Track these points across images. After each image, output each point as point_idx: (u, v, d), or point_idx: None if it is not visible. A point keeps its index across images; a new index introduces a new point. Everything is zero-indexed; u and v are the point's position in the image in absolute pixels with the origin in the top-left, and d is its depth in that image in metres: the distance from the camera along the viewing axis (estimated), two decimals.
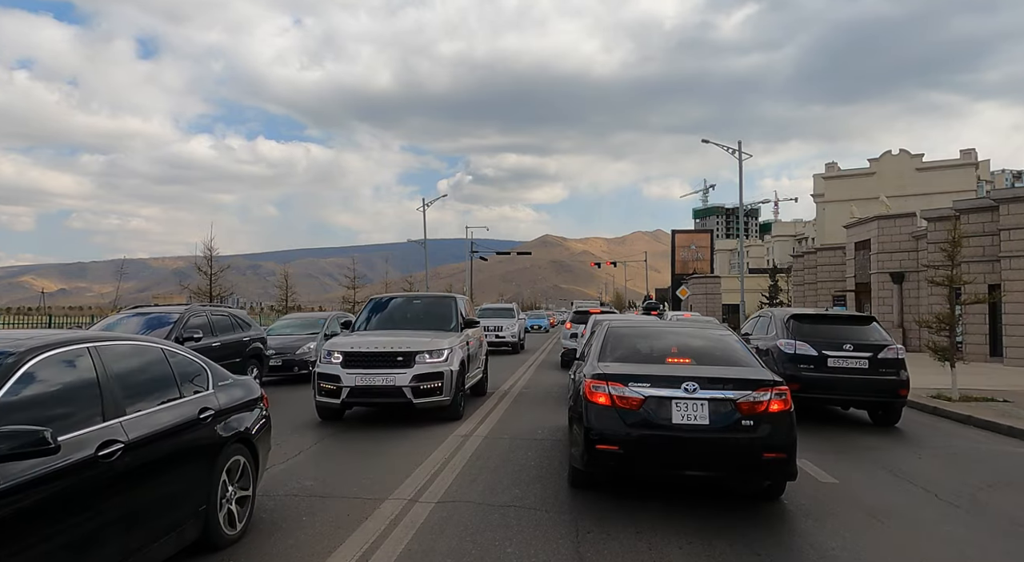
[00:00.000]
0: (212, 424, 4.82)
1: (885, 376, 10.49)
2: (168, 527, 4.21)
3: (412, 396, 9.47)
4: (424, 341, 10.01)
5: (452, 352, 10.07)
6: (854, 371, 10.48)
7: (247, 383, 5.78)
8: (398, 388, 9.46)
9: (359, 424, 10.06)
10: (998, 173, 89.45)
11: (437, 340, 10.14)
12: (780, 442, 5.66)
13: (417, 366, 9.59)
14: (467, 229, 61.63)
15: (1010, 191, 23.10)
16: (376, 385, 9.49)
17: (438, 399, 9.71)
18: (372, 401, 9.93)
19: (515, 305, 30.55)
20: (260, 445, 5.52)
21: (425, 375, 9.58)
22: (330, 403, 9.70)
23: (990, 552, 5.12)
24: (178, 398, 4.62)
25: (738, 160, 33.09)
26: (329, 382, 9.62)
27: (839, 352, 10.56)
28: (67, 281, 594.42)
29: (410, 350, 9.68)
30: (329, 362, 9.77)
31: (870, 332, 11.03)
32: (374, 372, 9.52)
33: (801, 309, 14.54)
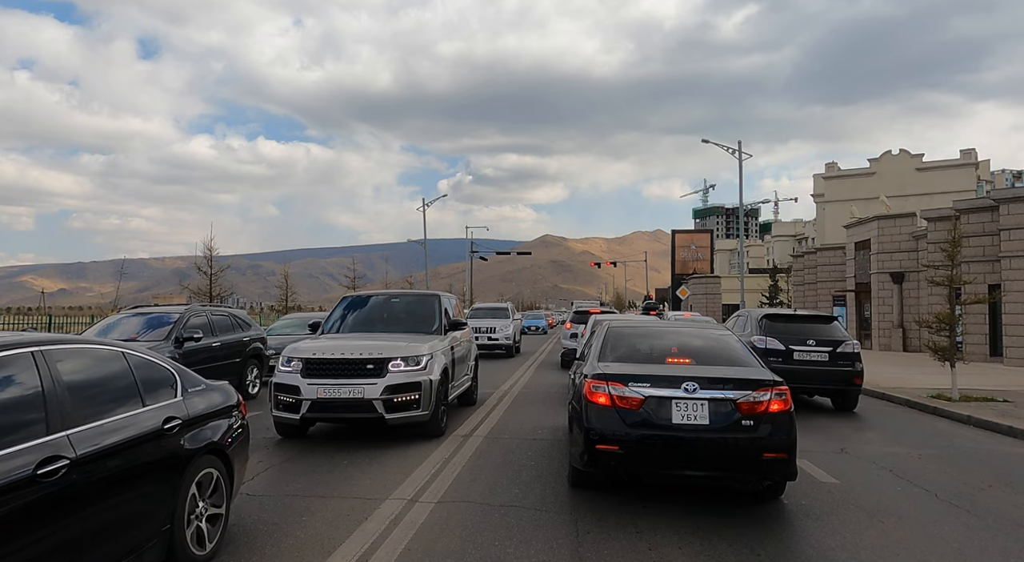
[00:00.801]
0: (179, 435, 4.43)
1: (842, 367, 12.03)
2: (125, 551, 3.84)
3: (384, 410, 8.14)
4: (399, 346, 8.71)
5: (432, 359, 8.79)
6: (816, 363, 12.01)
7: (222, 389, 5.38)
8: (367, 401, 8.13)
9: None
10: (998, 173, 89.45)
11: (415, 345, 8.83)
12: (780, 442, 5.66)
13: (390, 375, 8.27)
14: (467, 229, 61.74)
15: (1010, 191, 23.11)
16: (341, 398, 8.16)
17: (414, 414, 8.38)
18: (337, 416, 8.51)
19: (510, 304, 27.59)
20: (235, 456, 5.11)
21: (399, 386, 8.26)
22: (288, 418, 8.42)
23: (990, 552, 5.12)
24: (140, 407, 4.23)
25: (738, 160, 33.09)
26: (287, 394, 8.34)
27: (803, 347, 12.13)
28: (67, 281, 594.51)
29: (382, 356, 8.37)
30: (287, 370, 8.48)
31: (831, 330, 12.63)
32: (339, 383, 8.20)
33: (773, 309, 15.93)
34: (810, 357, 12.01)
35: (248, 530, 5.26)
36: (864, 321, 32.78)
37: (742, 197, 35.26)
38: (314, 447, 8.45)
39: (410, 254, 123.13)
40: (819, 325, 12.72)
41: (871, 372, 18.90)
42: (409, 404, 8.35)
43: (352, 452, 8.11)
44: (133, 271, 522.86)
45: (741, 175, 33.40)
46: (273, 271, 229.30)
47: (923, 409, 12.50)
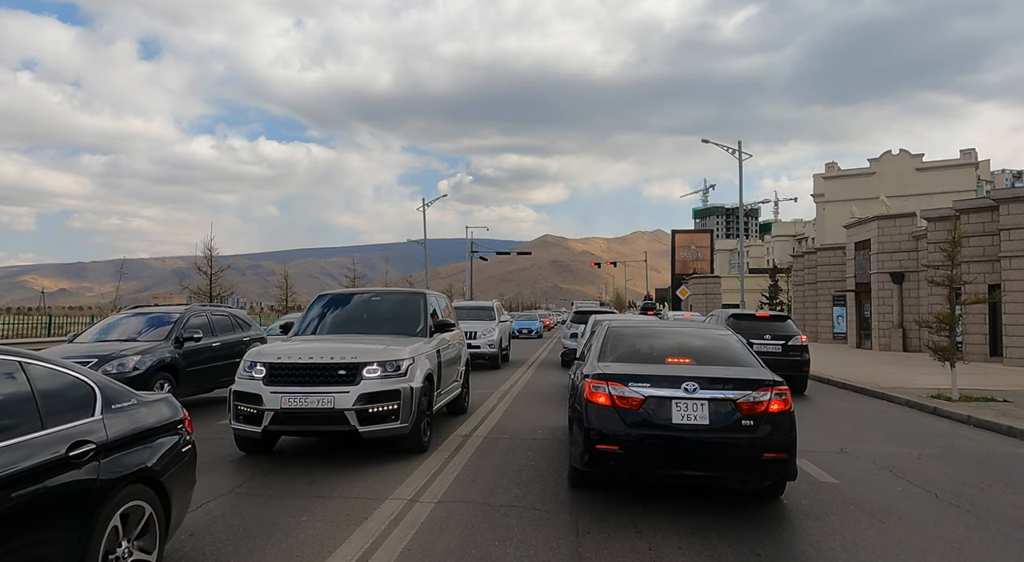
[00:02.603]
0: (92, 462, 3.65)
1: (792, 357, 14.39)
2: None
3: (357, 422, 7.19)
4: (376, 349, 7.80)
5: (414, 364, 7.86)
6: (771, 354, 13.92)
7: (162, 403, 4.60)
8: (338, 412, 7.17)
9: None
10: (998, 173, 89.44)
11: (395, 348, 7.92)
12: (780, 442, 5.66)
13: (365, 382, 7.34)
14: (467, 229, 61.76)
15: (1010, 191, 23.11)
16: (309, 408, 7.17)
17: (392, 426, 7.43)
18: (303, 429, 7.52)
19: (496, 303, 23.25)
20: (174, 485, 4.30)
21: (375, 394, 7.32)
22: (248, 431, 7.41)
23: (990, 552, 5.12)
24: (37, 431, 3.46)
25: (738, 160, 33.09)
26: (247, 403, 7.37)
27: (761, 340, 14.32)
28: (67, 281, 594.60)
29: (356, 361, 7.43)
30: (249, 377, 7.51)
31: (784, 327, 15.21)
32: (307, 391, 7.23)
33: (739, 310, 17.95)
34: (767, 349, 14.10)
35: (248, 530, 5.26)
36: (864, 321, 32.78)
37: (742, 197, 35.26)
38: (313, 447, 8.44)
39: (410, 254, 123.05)
40: (775, 323, 15.37)
41: (871, 372, 18.92)
42: (386, 415, 7.38)
43: (352, 452, 8.10)
44: (133, 271, 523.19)
45: (741, 175, 33.40)
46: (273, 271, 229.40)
47: (923, 409, 12.51)
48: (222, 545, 4.95)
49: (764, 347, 14.12)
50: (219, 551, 4.83)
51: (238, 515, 5.67)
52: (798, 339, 14.76)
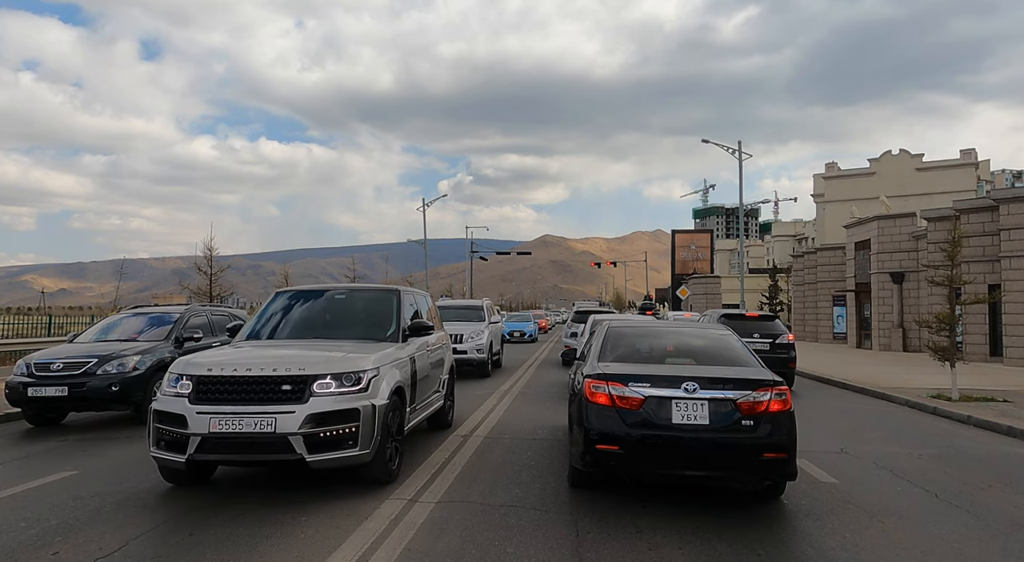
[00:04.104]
0: None
1: (780, 355, 15.03)
2: None
3: (304, 449, 5.85)
4: (332, 358, 6.47)
5: (378, 376, 6.51)
6: (760, 351, 13.73)
7: None
8: (280, 437, 5.82)
9: None
10: (998, 173, 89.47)
11: (356, 356, 6.57)
12: (780, 442, 5.67)
13: (315, 399, 6.00)
14: (467, 229, 61.75)
15: (1010, 191, 23.10)
16: (244, 432, 5.83)
17: (348, 454, 6.05)
18: (238, 459, 6.11)
19: (485, 302, 20.42)
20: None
21: (327, 414, 5.98)
22: (170, 460, 6.04)
23: (990, 552, 5.12)
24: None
25: (738, 160, 33.10)
26: (169, 426, 6.02)
27: (750, 339, 14.63)
28: (68, 281, 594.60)
29: (304, 373, 6.10)
30: (174, 393, 6.16)
31: (772, 326, 16.01)
32: (242, 411, 5.90)
33: (729, 310, 18.36)
34: (755, 346, 14.16)
35: (249, 530, 5.26)
36: (864, 321, 32.79)
37: (742, 197, 35.26)
38: None
39: (410, 254, 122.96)
40: (764, 322, 16.18)
41: (871, 372, 18.92)
42: (341, 440, 6.03)
43: None
44: (133, 271, 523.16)
45: (741, 175, 33.40)
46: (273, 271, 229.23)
47: (923, 409, 12.51)
48: (222, 544, 4.95)
49: (753, 345, 14.65)
50: (219, 550, 4.83)
51: (239, 514, 5.68)
52: (785, 337, 15.69)
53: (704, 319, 17.30)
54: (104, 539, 5.11)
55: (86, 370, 9.64)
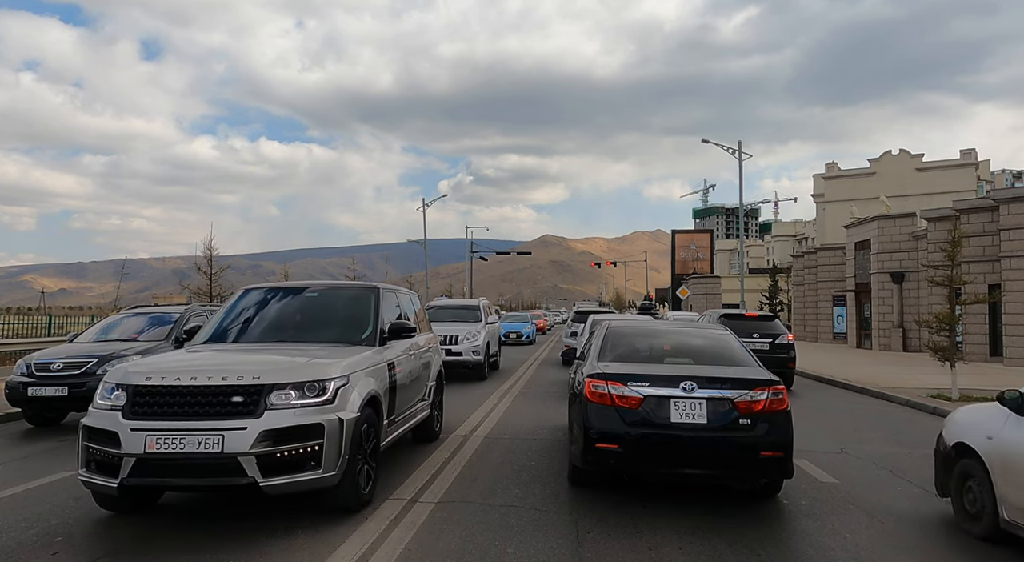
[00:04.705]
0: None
1: (779, 355, 15.07)
2: None
3: (258, 472, 5.01)
4: (293, 364, 5.67)
5: (348, 385, 5.70)
6: (760, 351, 14.03)
7: None
8: (229, 458, 4.98)
9: None
10: (998, 173, 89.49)
11: (321, 362, 5.75)
12: (777, 441, 5.73)
13: (272, 413, 5.17)
14: (467, 229, 61.73)
15: (1010, 191, 23.11)
16: (186, 452, 4.97)
17: (309, 477, 5.22)
18: (179, 483, 5.24)
19: (482, 302, 19.56)
20: None
21: (285, 431, 5.14)
22: (101, 484, 5.17)
23: (990, 552, 5.12)
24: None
25: (738, 160, 33.10)
26: (100, 444, 5.18)
27: (750, 339, 14.55)
28: (68, 281, 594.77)
29: (257, 382, 5.26)
30: (107, 405, 5.33)
31: (772, 326, 16.07)
32: (183, 427, 5.04)
33: (728, 310, 18.89)
34: (755, 346, 14.26)
35: (249, 530, 5.26)
36: (864, 321, 32.79)
37: (742, 197, 35.27)
38: None
39: (410, 254, 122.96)
40: (763, 322, 16.31)
41: (871, 372, 18.92)
42: (301, 460, 5.21)
43: None
44: (133, 271, 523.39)
45: (741, 175, 33.41)
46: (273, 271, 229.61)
47: (923, 409, 12.51)
48: (222, 543, 4.95)
49: (752, 345, 14.76)
50: (219, 550, 4.83)
51: (239, 514, 5.67)
52: (784, 337, 15.74)
53: (703, 319, 17.33)
54: (105, 539, 5.12)
55: (86, 370, 9.64)
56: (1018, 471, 4.89)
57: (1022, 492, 4.85)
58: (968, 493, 5.50)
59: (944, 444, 5.93)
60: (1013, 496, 4.92)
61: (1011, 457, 4.98)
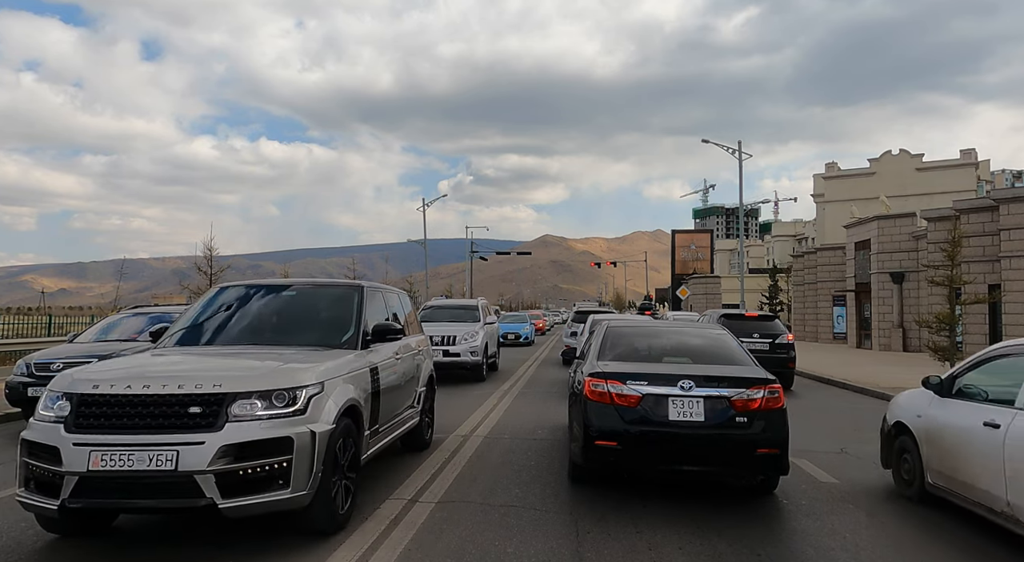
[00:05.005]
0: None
1: (779, 355, 15.08)
2: None
3: (217, 492, 4.48)
4: (261, 369, 5.18)
5: (322, 393, 5.12)
6: (760, 351, 14.34)
7: None
8: (184, 477, 4.46)
9: None
10: (998, 173, 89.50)
11: (293, 367, 5.21)
12: (773, 438, 5.84)
13: (233, 425, 4.63)
14: (467, 229, 61.74)
15: (1010, 191, 23.10)
16: (135, 470, 4.44)
17: (276, 498, 4.67)
18: (127, 505, 4.62)
19: (481, 302, 19.13)
20: None
21: (248, 445, 4.60)
22: (40, 505, 4.61)
23: (989, 552, 5.12)
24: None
25: (738, 160, 33.10)
26: (40, 461, 4.64)
27: (750, 339, 14.74)
28: (68, 281, 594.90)
29: (219, 391, 4.72)
30: (50, 416, 4.76)
31: (772, 326, 16.01)
32: (133, 442, 4.51)
33: (728, 310, 18.95)
34: (755, 346, 14.58)
35: (249, 530, 5.26)
36: (864, 321, 32.79)
37: (742, 197, 35.27)
38: None
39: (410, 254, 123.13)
40: (763, 322, 16.26)
41: (871, 372, 18.91)
42: (267, 478, 4.67)
43: None
44: (133, 271, 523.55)
45: (741, 175, 33.41)
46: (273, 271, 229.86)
47: None
48: (221, 544, 4.95)
49: (752, 345, 14.57)
50: (218, 550, 4.83)
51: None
52: (784, 338, 15.71)
53: (703, 319, 17.37)
54: (106, 538, 5.12)
55: None
56: (937, 443, 5.95)
57: (941, 460, 5.87)
58: (904, 464, 6.57)
59: (887, 424, 6.96)
60: (935, 463, 5.97)
61: (932, 431, 6.04)
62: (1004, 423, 5.09)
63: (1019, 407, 5.06)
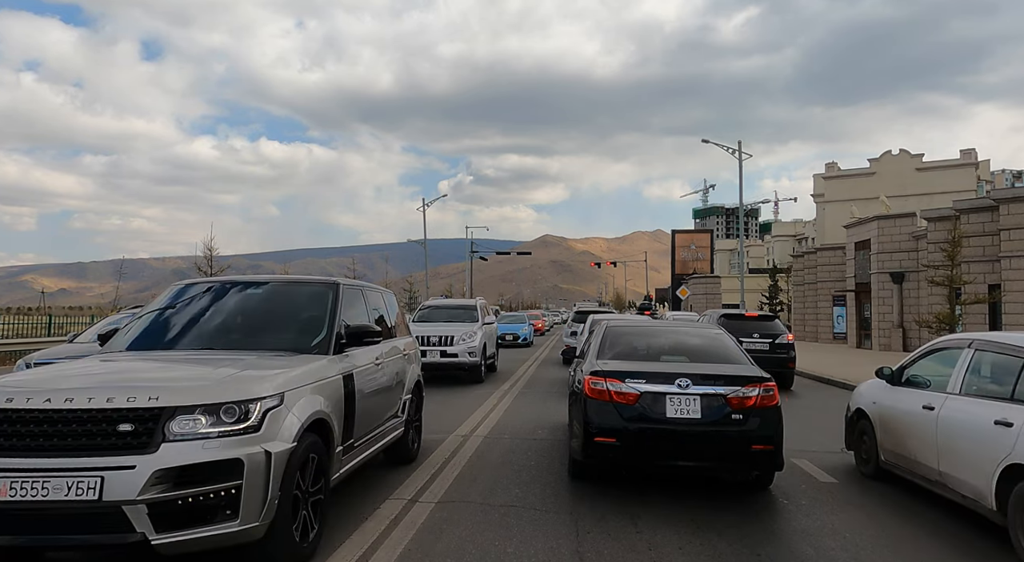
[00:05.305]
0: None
1: (779, 355, 15.21)
2: None
3: (150, 526, 3.85)
4: (208, 379, 4.46)
5: (280, 406, 4.41)
6: (759, 351, 14.61)
7: None
8: (111, 508, 3.82)
9: None
10: (998, 173, 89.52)
11: (247, 376, 4.54)
12: (768, 434, 5.98)
13: (171, 445, 3.98)
14: (467, 229, 61.73)
15: (1010, 191, 23.10)
16: (49, 501, 3.80)
17: (223, 531, 4.02)
18: (41, 542, 3.95)
19: (480, 302, 18.80)
20: None
21: (189, 470, 3.95)
22: None
23: (989, 551, 5.13)
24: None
25: (738, 160, 33.11)
26: None
27: (750, 339, 15.00)
28: (68, 281, 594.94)
29: (156, 404, 4.04)
30: None
31: (772, 326, 16.03)
32: (50, 466, 3.87)
33: (729, 310, 18.89)
34: (755, 346, 14.84)
35: None
36: (864, 321, 32.80)
37: (742, 197, 35.28)
38: None
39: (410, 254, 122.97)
40: (763, 322, 16.26)
41: (871, 372, 18.87)
42: (211, 508, 4.00)
43: None
44: (133, 271, 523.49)
45: (741, 175, 33.42)
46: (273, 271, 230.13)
47: None
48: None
49: (752, 345, 14.86)
50: (217, 550, 4.82)
51: None
52: (784, 337, 15.75)
53: (704, 319, 17.41)
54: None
55: None
56: (888, 425, 6.84)
57: (891, 441, 6.74)
58: (863, 445, 7.43)
59: (850, 410, 7.83)
60: (887, 444, 6.84)
61: (885, 415, 6.93)
62: (937, 406, 6.00)
63: (950, 392, 5.97)
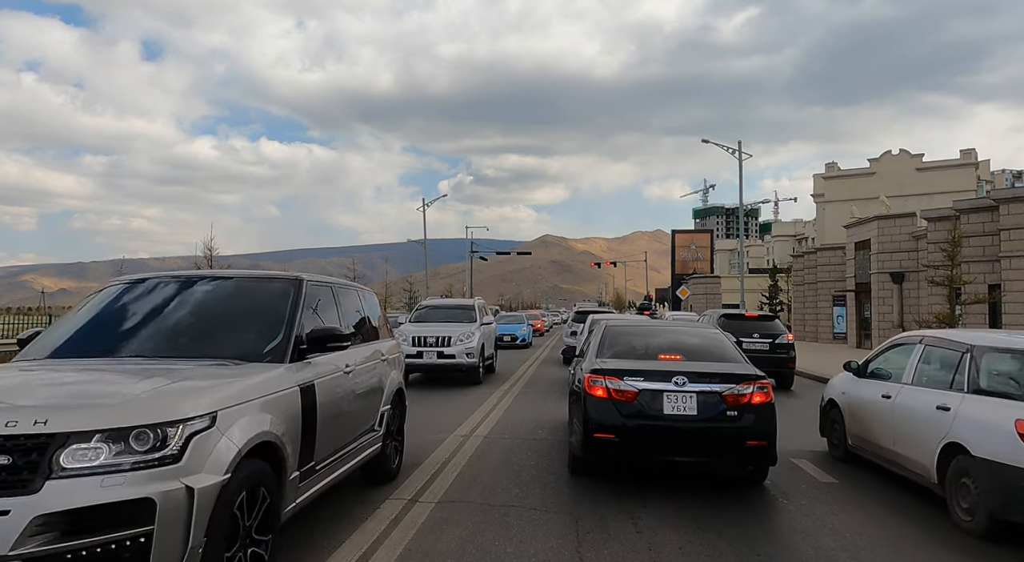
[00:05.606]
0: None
1: (779, 354, 15.29)
2: None
3: None
4: (118, 395, 3.57)
5: (211, 429, 3.54)
6: (759, 351, 14.72)
7: None
8: None
9: None
10: (998, 173, 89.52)
11: (173, 392, 3.70)
12: (762, 431, 6.16)
13: (58, 483, 3.11)
14: (467, 229, 61.70)
15: (1010, 191, 23.10)
16: None
17: None
18: None
19: (478, 302, 18.43)
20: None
21: (82, 514, 3.08)
22: None
23: (989, 551, 5.13)
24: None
25: (738, 160, 33.10)
26: None
27: (750, 339, 15.08)
28: (68, 281, 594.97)
29: (42, 430, 3.16)
30: None
31: (772, 326, 16.03)
32: None
33: (729, 310, 19.02)
34: (755, 346, 14.89)
35: None
36: (864, 321, 32.79)
37: (742, 197, 35.28)
38: None
39: (410, 254, 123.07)
40: (763, 322, 16.26)
41: None
42: (126, 557, 3.17)
43: None
44: (133, 271, 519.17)
45: (741, 175, 33.41)
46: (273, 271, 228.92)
47: None
48: None
49: (753, 345, 14.95)
50: None
51: None
52: (784, 338, 15.75)
53: (704, 319, 17.47)
54: None
55: None
56: (854, 413, 7.65)
57: (857, 427, 7.54)
58: (835, 432, 8.17)
59: (823, 401, 8.59)
60: (854, 430, 7.63)
61: (851, 404, 7.74)
62: (894, 394, 6.78)
63: (904, 382, 6.75)
